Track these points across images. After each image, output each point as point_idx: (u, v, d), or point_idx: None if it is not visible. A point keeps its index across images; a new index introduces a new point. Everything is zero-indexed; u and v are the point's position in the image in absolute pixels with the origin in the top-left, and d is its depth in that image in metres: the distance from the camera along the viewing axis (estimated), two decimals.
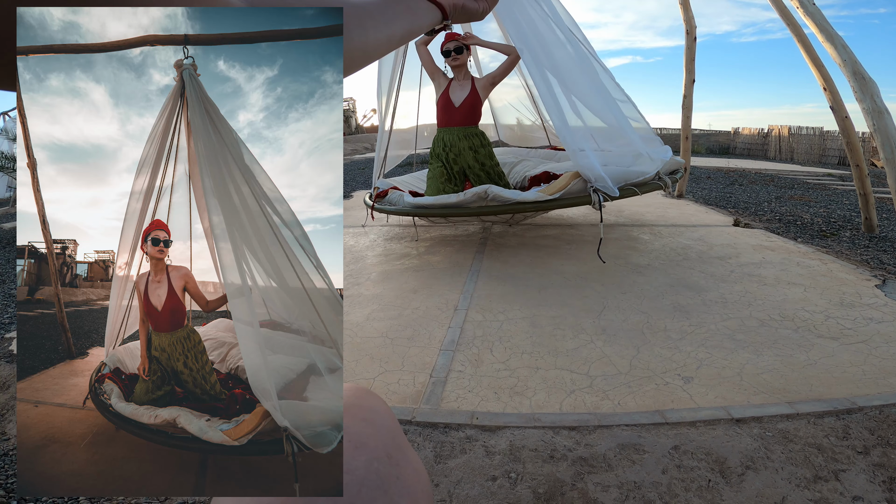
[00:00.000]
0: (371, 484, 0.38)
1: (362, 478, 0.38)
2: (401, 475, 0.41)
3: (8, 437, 1.79)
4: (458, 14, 0.64)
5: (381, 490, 0.38)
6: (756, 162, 13.31)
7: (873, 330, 2.23)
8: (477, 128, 3.90)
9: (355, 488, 0.37)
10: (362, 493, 0.37)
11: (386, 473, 0.40)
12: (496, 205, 3.28)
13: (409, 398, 1.88)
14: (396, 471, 0.41)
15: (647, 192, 3.39)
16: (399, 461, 0.42)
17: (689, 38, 5.32)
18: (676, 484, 1.38)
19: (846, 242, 3.76)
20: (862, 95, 3.52)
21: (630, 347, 2.18)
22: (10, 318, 2.96)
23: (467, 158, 3.84)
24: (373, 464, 0.40)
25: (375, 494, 0.38)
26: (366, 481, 0.38)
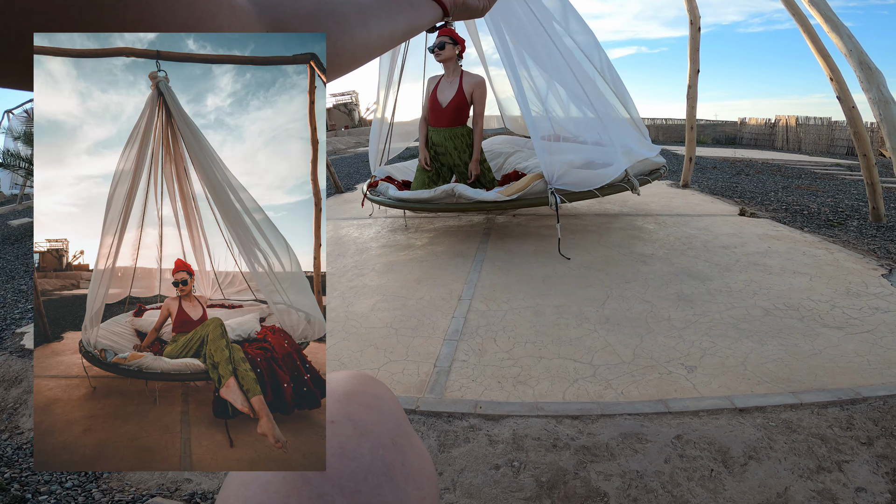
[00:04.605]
0: (377, 471, 0.38)
1: (368, 464, 0.38)
2: (406, 462, 0.41)
3: (21, 430, 1.82)
4: (458, 11, 0.64)
5: (387, 477, 0.38)
6: (763, 152, 13.20)
7: (879, 320, 2.22)
8: (464, 127, 3.95)
9: (361, 475, 0.37)
10: (368, 479, 0.37)
11: (391, 460, 0.40)
12: (462, 203, 3.52)
13: (414, 388, 1.89)
14: (402, 457, 0.41)
15: (610, 193, 3.56)
16: (404, 448, 0.42)
17: (693, 29, 5.27)
18: (679, 473, 1.39)
19: (853, 232, 3.73)
20: (868, 85, 3.48)
21: (634, 336, 2.18)
22: (21, 314, 2.99)
23: (453, 157, 3.97)
24: (378, 450, 0.40)
25: (381, 481, 0.38)
26: (371, 468, 0.38)
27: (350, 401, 0.44)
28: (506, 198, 3.39)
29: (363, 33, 0.47)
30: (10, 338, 2.60)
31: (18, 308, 3.11)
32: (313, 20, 0.42)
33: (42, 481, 1.54)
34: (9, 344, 2.52)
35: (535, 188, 3.38)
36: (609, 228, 4.00)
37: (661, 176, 4.03)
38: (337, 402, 0.44)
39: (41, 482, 1.54)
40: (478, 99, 3.83)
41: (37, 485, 1.53)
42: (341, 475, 0.37)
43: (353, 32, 0.46)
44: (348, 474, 0.37)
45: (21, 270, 4.18)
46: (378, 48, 0.51)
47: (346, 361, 2.13)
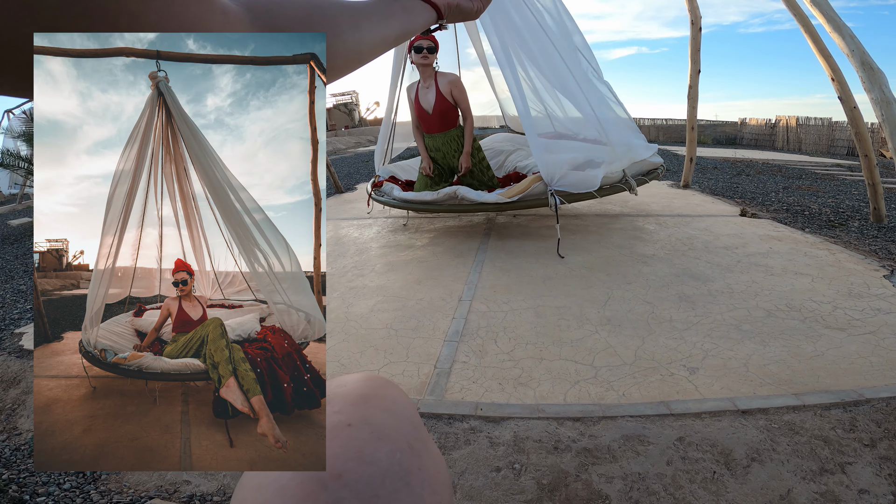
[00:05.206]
0: (394, 475, 0.38)
1: (385, 469, 0.38)
2: (423, 466, 0.40)
3: (19, 431, 1.81)
4: (452, 14, 0.64)
5: (404, 481, 0.38)
6: (763, 152, 13.20)
7: (881, 321, 2.21)
8: (458, 129, 3.97)
9: (378, 479, 0.37)
10: (385, 484, 0.37)
11: (408, 465, 0.39)
12: (465, 204, 3.59)
13: (414, 389, 1.88)
14: (419, 462, 0.40)
15: (608, 194, 3.61)
16: (420, 452, 0.42)
17: (693, 29, 5.28)
18: (681, 476, 1.38)
19: (854, 232, 3.72)
20: (870, 86, 3.48)
21: (635, 338, 2.17)
22: (20, 314, 2.98)
23: (453, 159, 4.01)
24: (395, 455, 0.39)
25: (398, 486, 0.37)
26: (389, 472, 0.38)
27: (367, 404, 0.44)
28: (507, 199, 3.45)
29: (356, 37, 0.47)
30: (8, 338, 2.59)
31: (17, 308, 3.10)
32: (306, 25, 0.42)
33: (40, 482, 1.53)
34: (7, 344, 2.51)
35: (536, 189, 3.44)
36: (610, 229, 4.00)
37: (658, 176, 4.05)
38: (353, 405, 0.43)
39: (39, 483, 1.53)
40: (458, 97, 3.85)
41: (35, 486, 1.52)
42: (358, 480, 0.37)
43: (346, 37, 0.46)
44: (365, 479, 0.37)
45: (20, 270, 4.18)
46: (371, 52, 0.51)
47: (345, 363, 2.12)
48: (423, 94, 3.89)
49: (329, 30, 0.43)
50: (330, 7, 0.45)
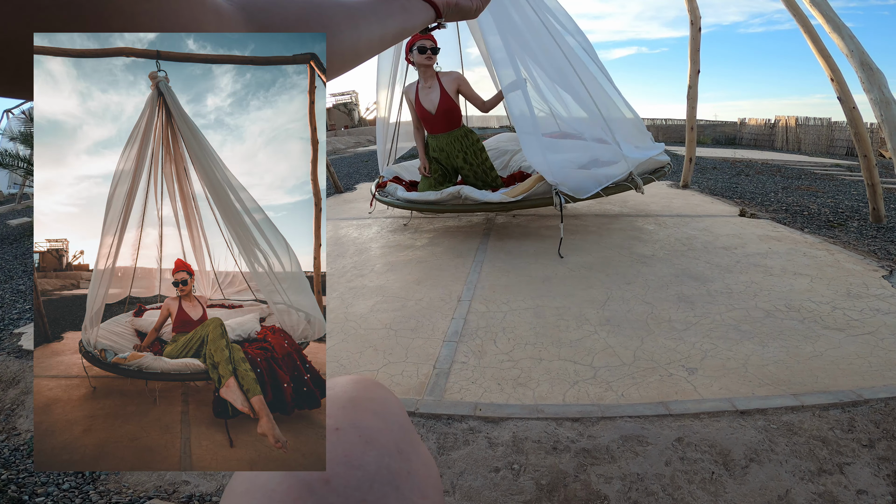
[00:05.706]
0: (382, 480, 0.37)
1: (373, 473, 0.37)
2: (412, 470, 0.40)
3: (18, 432, 1.81)
4: (451, 12, 0.63)
5: (393, 486, 0.38)
6: (763, 152, 13.20)
7: (880, 321, 2.22)
8: (461, 128, 3.97)
9: (366, 484, 0.37)
10: (373, 489, 0.37)
11: (397, 469, 0.39)
12: (469, 204, 3.59)
13: (413, 389, 1.89)
14: (408, 466, 0.40)
15: (614, 192, 3.58)
16: (410, 456, 0.41)
17: (693, 29, 5.28)
18: (680, 476, 1.38)
19: (853, 233, 3.73)
20: (869, 86, 3.48)
21: (634, 338, 2.17)
22: (19, 314, 2.98)
23: (457, 159, 4.00)
24: (384, 459, 0.39)
25: (386, 490, 0.37)
26: (377, 477, 0.37)
27: (355, 407, 0.43)
28: (511, 199, 3.43)
29: (353, 37, 0.47)
30: (7, 338, 2.59)
31: (16, 308, 3.10)
32: (303, 24, 0.42)
33: (39, 483, 1.53)
34: (7, 344, 2.51)
35: (540, 189, 3.41)
36: (609, 229, 4.00)
37: (665, 174, 4.02)
38: (342, 408, 0.43)
39: (38, 483, 1.53)
40: (466, 92, 3.85)
41: (34, 486, 1.52)
42: (346, 485, 0.36)
43: (343, 36, 0.46)
44: (353, 484, 0.36)
45: (19, 270, 4.17)
46: (368, 51, 0.51)
47: (344, 363, 2.12)
48: (424, 94, 3.87)
49: (327, 29, 0.43)
50: (328, 6, 0.45)
